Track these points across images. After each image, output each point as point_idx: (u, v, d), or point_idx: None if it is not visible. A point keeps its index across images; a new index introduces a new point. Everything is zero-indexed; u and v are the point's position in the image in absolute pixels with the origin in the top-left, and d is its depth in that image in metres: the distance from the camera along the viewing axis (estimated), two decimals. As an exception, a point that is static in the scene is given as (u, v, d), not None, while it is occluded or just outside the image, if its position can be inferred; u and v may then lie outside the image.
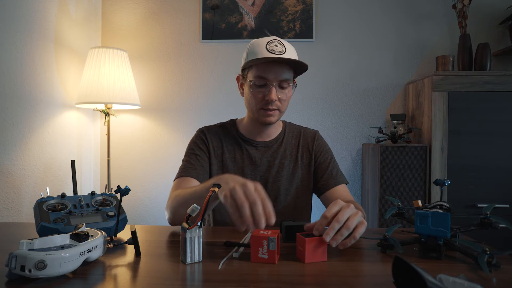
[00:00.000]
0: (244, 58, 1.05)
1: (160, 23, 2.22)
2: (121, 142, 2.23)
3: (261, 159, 1.11)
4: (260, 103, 1.02)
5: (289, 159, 1.13)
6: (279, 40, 1.01)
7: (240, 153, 1.11)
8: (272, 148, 1.13)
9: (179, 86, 2.22)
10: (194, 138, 1.14)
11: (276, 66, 0.99)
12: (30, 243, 0.57)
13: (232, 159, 1.11)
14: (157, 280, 0.59)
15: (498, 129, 1.78)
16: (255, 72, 1.00)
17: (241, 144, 1.12)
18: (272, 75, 0.99)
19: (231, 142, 1.13)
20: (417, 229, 0.71)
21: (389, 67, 2.16)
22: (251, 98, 1.04)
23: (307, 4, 2.14)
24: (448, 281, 0.45)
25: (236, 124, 1.17)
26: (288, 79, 1.01)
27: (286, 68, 1.00)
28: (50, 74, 1.76)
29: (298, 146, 1.15)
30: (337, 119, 2.18)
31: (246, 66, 1.03)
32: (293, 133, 1.18)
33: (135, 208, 2.23)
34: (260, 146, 1.12)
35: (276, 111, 1.03)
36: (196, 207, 0.65)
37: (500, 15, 2.07)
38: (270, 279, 0.60)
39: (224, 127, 1.16)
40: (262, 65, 0.99)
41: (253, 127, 1.11)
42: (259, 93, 1.01)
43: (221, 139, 1.13)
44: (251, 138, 1.12)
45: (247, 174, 1.09)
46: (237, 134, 1.13)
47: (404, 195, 1.78)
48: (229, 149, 1.12)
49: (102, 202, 0.87)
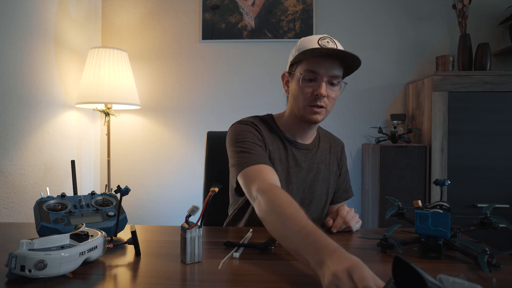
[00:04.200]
0: (293, 54, 1.00)
1: (160, 23, 2.22)
2: (121, 142, 2.23)
3: (304, 162, 1.06)
4: (308, 98, 0.96)
5: (324, 164, 1.11)
6: (330, 37, 0.97)
7: (285, 153, 1.05)
8: (312, 152, 1.09)
9: (179, 86, 2.22)
10: (245, 128, 1.00)
11: (327, 61, 0.94)
12: (30, 243, 0.57)
13: (278, 159, 1.03)
14: (157, 280, 0.59)
15: (498, 129, 1.78)
16: (306, 66, 0.96)
17: (285, 144, 1.05)
18: (323, 70, 0.94)
19: (276, 140, 1.05)
20: (417, 229, 0.71)
21: (389, 67, 2.16)
22: (298, 93, 0.98)
23: (307, 4, 2.14)
24: (448, 281, 0.45)
25: (275, 121, 1.08)
26: (338, 75, 0.96)
27: (337, 64, 0.95)
28: (50, 74, 1.76)
29: (330, 153, 1.13)
30: (337, 119, 2.18)
31: (296, 60, 0.98)
32: (325, 139, 1.16)
33: (135, 208, 2.23)
34: (302, 149, 1.07)
35: (323, 109, 0.97)
36: (196, 207, 0.65)
37: (500, 15, 2.07)
38: (270, 279, 0.60)
39: (265, 122, 1.07)
40: (314, 59, 0.95)
41: (296, 126, 1.05)
42: (309, 88, 0.96)
43: (269, 136, 1.04)
44: (293, 139, 1.06)
45: (292, 177, 1.04)
46: (280, 133, 1.06)
47: (404, 195, 1.78)
48: (275, 148, 1.04)
49: (102, 202, 0.87)
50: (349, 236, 0.88)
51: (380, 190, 1.80)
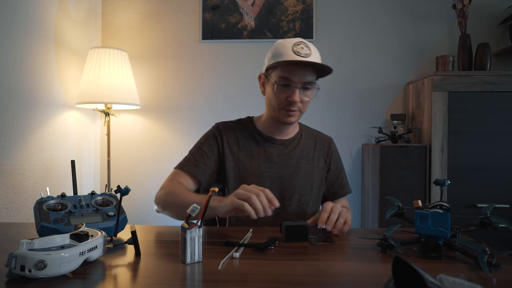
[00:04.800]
0: (269, 57, 1.05)
1: (160, 23, 2.22)
2: (121, 142, 2.23)
3: (278, 157, 1.11)
4: (283, 103, 1.03)
5: (306, 160, 1.14)
6: (305, 43, 1.02)
7: (257, 150, 1.11)
8: (290, 147, 1.13)
9: (179, 86, 2.22)
10: (208, 133, 1.15)
11: (301, 68, 1.00)
12: (30, 243, 0.58)
13: (248, 156, 1.10)
14: (157, 280, 0.59)
15: (498, 129, 1.78)
16: (280, 73, 1.01)
17: (258, 141, 1.12)
18: (296, 77, 1.00)
19: (248, 139, 1.13)
20: (417, 229, 0.71)
21: (389, 67, 2.16)
22: (273, 97, 1.04)
23: (307, 4, 2.14)
24: (448, 281, 0.45)
25: (253, 122, 1.17)
26: (311, 81, 1.02)
27: (311, 71, 1.01)
28: (50, 74, 1.76)
29: (314, 149, 1.17)
30: (337, 119, 2.18)
31: (271, 66, 1.04)
32: (309, 135, 1.20)
33: (135, 208, 2.23)
34: (277, 144, 1.12)
35: (297, 112, 1.04)
36: (196, 207, 0.65)
37: (500, 15, 2.07)
38: (270, 279, 0.60)
39: (241, 123, 1.17)
40: (287, 66, 1.00)
41: (272, 125, 1.12)
42: (282, 94, 1.02)
43: (237, 136, 1.13)
44: (269, 135, 1.13)
45: (263, 171, 1.09)
46: (255, 131, 1.14)
47: (404, 195, 1.78)
48: (246, 146, 1.11)
49: (102, 202, 0.87)
50: (349, 236, 0.88)
51: (380, 190, 1.80)
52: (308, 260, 0.70)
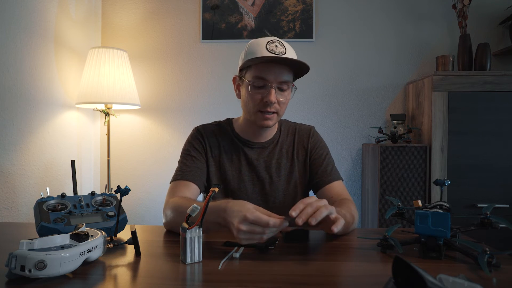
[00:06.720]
0: (242, 58, 1.01)
1: (160, 23, 2.22)
2: (121, 142, 2.23)
3: (257, 160, 1.09)
4: (258, 105, 0.98)
5: (286, 158, 1.11)
6: (279, 41, 0.98)
7: (237, 154, 1.09)
8: (268, 149, 1.11)
9: (179, 86, 2.22)
10: (190, 138, 1.13)
11: (276, 66, 0.95)
12: (30, 243, 0.57)
13: (229, 160, 1.09)
14: (157, 280, 0.59)
15: (498, 129, 1.78)
16: (254, 72, 0.97)
17: (237, 145, 1.10)
18: (272, 76, 0.95)
19: (228, 142, 1.10)
20: (417, 229, 0.71)
21: (389, 67, 2.16)
22: (248, 99, 1.00)
23: (307, 4, 2.14)
24: (448, 281, 0.45)
25: (232, 124, 1.14)
26: (288, 80, 0.98)
27: (286, 70, 0.97)
28: (50, 74, 1.76)
29: (293, 144, 1.13)
30: (337, 119, 2.18)
31: (244, 66, 0.99)
32: (288, 131, 1.15)
33: (135, 208, 2.23)
34: (256, 147, 1.10)
35: (274, 115, 1.00)
36: (196, 207, 0.65)
37: (500, 15, 2.07)
38: (270, 279, 0.60)
39: (220, 126, 1.14)
40: (262, 65, 0.96)
41: (249, 128, 1.09)
42: (258, 95, 0.98)
43: (218, 139, 1.11)
44: (247, 138, 1.10)
45: (244, 175, 1.08)
46: (233, 134, 1.11)
47: (404, 195, 1.78)
48: (226, 150, 1.09)
49: (102, 202, 0.87)
50: (349, 236, 0.88)
51: (380, 190, 1.80)
52: (308, 260, 0.70)
